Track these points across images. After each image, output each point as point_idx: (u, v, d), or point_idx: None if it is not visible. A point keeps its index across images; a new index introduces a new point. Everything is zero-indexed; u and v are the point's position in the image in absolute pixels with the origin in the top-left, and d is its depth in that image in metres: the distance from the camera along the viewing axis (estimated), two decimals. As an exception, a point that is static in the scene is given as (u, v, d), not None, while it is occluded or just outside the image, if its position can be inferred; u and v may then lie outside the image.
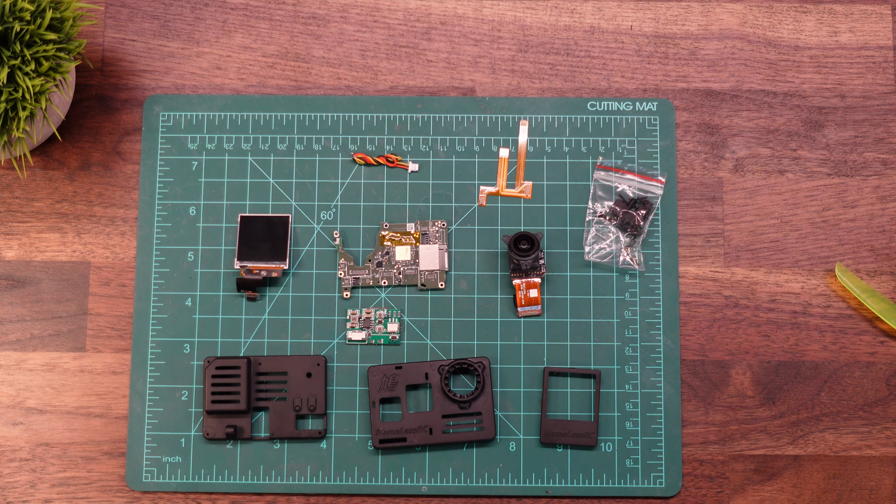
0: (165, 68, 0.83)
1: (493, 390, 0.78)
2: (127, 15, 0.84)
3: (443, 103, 0.82)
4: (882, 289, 0.80)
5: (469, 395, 0.76)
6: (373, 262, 0.80)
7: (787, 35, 0.84)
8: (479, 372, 0.76)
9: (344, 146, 0.82)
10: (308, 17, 0.84)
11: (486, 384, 0.76)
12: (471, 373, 0.77)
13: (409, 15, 0.84)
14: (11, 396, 0.78)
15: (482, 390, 0.76)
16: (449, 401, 0.76)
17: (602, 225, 0.80)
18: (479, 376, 0.76)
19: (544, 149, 0.82)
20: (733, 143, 0.82)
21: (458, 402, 0.76)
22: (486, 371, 0.76)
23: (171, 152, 0.82)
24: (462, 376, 0.78)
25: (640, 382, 0.78)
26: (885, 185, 0.81)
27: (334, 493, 0.77)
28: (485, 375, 0.76)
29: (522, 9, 0.84)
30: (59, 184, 0.82)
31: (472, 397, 0.76)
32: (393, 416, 0.77)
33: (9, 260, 0.80)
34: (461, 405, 0.76)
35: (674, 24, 0.84)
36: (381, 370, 0.77)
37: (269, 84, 0.83)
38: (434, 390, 0.77)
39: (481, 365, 0.76)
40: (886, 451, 0.78)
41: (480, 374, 0.76)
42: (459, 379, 0.78)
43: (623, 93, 0.83)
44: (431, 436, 0.76)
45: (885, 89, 0.83)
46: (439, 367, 0.77)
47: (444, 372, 0.76)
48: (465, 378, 0.78)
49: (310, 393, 0.77)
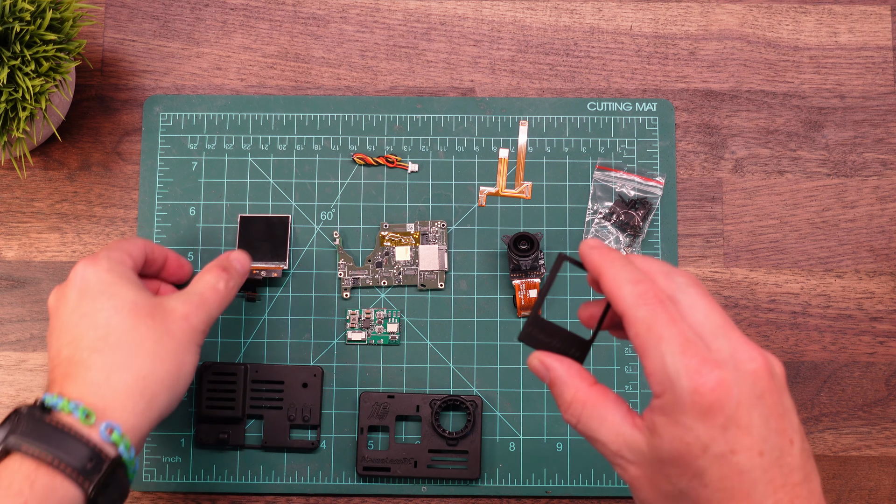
0: (165, 69, 0.83)
1: (494, 390, 0.78)
2: (127, 15, 0.84)
3: (442, 104, 0.82)
4: (881, 289, 0.80)
5: (458, 432, 0.76)
6: (372, 262, 0.80)
7: (787, 36, 0.84)
8: (470, 410, 0.76)
9: (344, 146, 0.82)
10: (308, 17, 0.84)
11: (476, 423, 0.76)
12: (463, 410, 0.77)
13: (409, 15, 0.84)
14: (11, 396, 0.79)
15: (472, 429, 0.76)
16: (437, 436, 0.76)
17: (601, 225, 0.80)
18: (471, 414, 0.76)
19: (544, 149, 0.82)
20: (733, 144, 0.82)
21: (447, 438, 0.76)
22: (478, 410, 0.76)
23: (170, 153, 0.82)
24: (452, 413, 0.77)
25: (639, 383, 0.78)
26: (885, 185, 0.82)
27: (333, 493, 0.77)
28: (476, 414, 0.76)
29: (522, 9, 0.84)
30: (59, 184, 0.82)
31: (460, 435, 0.76)
32: (381, 443, 0.77)
33: (9, 260, 0.80)
34: (449, 441, 0.76)
35: (673, 24, 0.84)
36: (373, 397, 0.77)
37: (269, 84, 0.83)
38: (424, 423, 0.76)
39: (474, 404, 0.76)
40: (886, 452, 0.78)
41: (472, 413, 0.76)
42: (453, 407, 0.78)
43: (623, 93, 0.83)
44: (416, 469, 0.76)
45: (885, 90, 0.83)
46: (431, 402, 0.76)
47: (436, 407, 0.76)
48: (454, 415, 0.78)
49: (304, 403, 0.77)
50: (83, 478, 0.57)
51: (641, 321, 0.50)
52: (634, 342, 0.51)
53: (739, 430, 0.48)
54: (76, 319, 0.63)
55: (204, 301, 0.67)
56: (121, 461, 0.59)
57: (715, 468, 0.48)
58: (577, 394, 0.53)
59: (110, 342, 0.61)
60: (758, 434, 0.48)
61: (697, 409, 0.48)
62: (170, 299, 0.66)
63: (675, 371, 0.48)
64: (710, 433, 0.48)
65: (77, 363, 0.61)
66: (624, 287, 0.51)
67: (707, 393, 0.48)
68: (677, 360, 0.48)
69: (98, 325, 0.62)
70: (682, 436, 0.48)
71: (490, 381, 0.78)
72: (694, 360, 0.48)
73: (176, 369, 0.63)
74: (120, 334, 0.62)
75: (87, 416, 0.58)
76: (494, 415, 0.78)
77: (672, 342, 0.49)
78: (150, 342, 0.62)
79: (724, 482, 0.48)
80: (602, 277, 0.53)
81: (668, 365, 0.48)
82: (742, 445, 0.48)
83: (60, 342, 0.63)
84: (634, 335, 0.50)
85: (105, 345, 0.61)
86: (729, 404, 0.48)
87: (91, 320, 0.62)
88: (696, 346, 0.49)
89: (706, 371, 0.48)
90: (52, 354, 0.63)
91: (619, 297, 0.51)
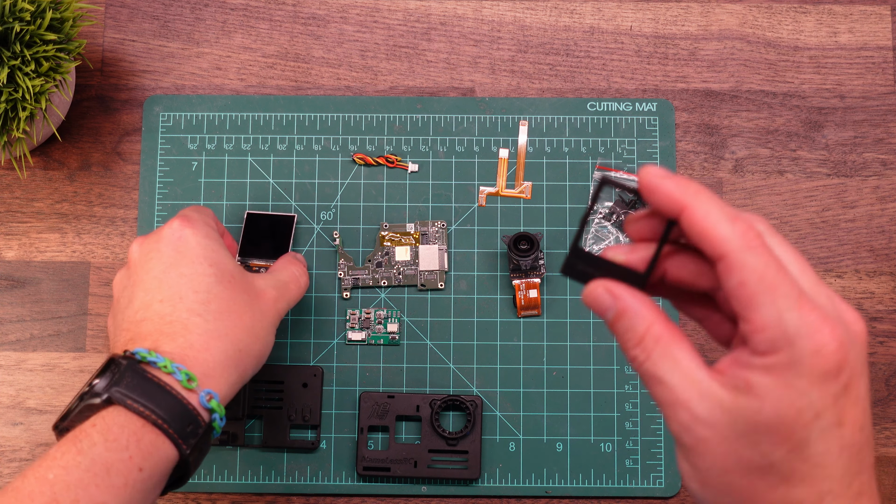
0: (165, 69, 0.83)
1: (494, 390, 0.78)
2: (127, 15, 0.84)
3: (442, 104, 0.82)
4: (881, 289, 0.80)
5: (458, 432, 0.76)
6: (372, 262, 0.80)
7: (787, 36, 0.84)
8: (470, 410, 0.76)
9: (344, 146, 0.82)
10: (308, 17, 0.84)
11: (476, 423, 0.76)
12: (463, 410, 0.77)
13: (409, 15, 0.84)
14: (11, 397, 0.79)
15: (472, 429, 0.76)
16: (437, 436, 0.76)
17: (601, 225, 0.80)
18: (471, 415, 0.76)
19: (544, 149, 0.82)
20: (733, 144, 0.82)
21: (447, 438, 0.76)
22: (478, 410, 0.76)
23: (170, 153, 0.82)
24: (452, 413, 0.77)
25: (639, 383, 0.78)
26: (885, 185, 0.82)
27: (333, 493, 0.77)
28: (476, 414, 0.76)
29: (522, 9, 0.84)
30: (58, 184, 0.82)
31: (460, 435, 0.76)
32: (381, 443, 0.77)
33: (9, 260, 0.80)
34: (449, 442, 0.76)
35: (673, 24, 0.84)
36: (374, 397, 0.77)
37: (269, 84, 0.83)
38: (423, 423, 0.76)
39: (474, 404, 0.76)
40: (886, 452, 0.78)
41: (472, 413, 0.76)
42: (453, 407, 0.78)
43: (623, 93, 0.83)
44: (416, 469, 0.76)
45: (885, 90, 0.83)
46: (431, 402, 0.76)
47: (436, 407, 0.76)
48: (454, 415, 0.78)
49: (304, 403, 0.77)
50: (182, 441, 0.57)
51: (751, 269, 0.42)
52: (736, 291, 0.43)
53: (849, 400, 0.43)
54: (174, 278, 0.62)
55: (288, 290, 0.68)
56: (211, 427, 0.60)
57: (820, 440, 0.42)
58: (654, 327, 0.45)
59: (211, 308, 0.61)
60: (862, 406, 0.43)
61: (817, 372, 0.42)
62: (259, 279, 0.67)
63: (794, 328, 0.42)
64: (825, 400, 0.42)
65: (175, 322, 0.60)
66: (722, 226, 0.44)
67: (829, 355, 0.42)
68: (796, 315, 0.42)
69: (199, 289, 0.62)
70: (793, 400, 0.42)
71: (490, 381, 0.78)
72: (813, 317, 0.42)
73: (264, 348, 0.64)
74: (221, 303, 0.62)
75: (189, 380, 0.58)
76: (494, 415, 0.78)
77: (789, 296, 0.42)
78: (247, 317, 0.63)
79: (825, 457, 0.43)
80: (688, 212, 0.44)
81: (786, 321, 0.42)
82: (849, 417, 0.43)
83: (151, 296, 0.62)
84: (739, 284, 0.43)
85: (206, 310, 0.61)
86: (846, 370, 0.42)
87: (191, 282, 0.62)
88: (812, 302, 0.43)
89: (827, 331, 0.42)
90: (137, 306, 0.62)
91: (719, 237, 0.43)
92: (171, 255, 0.63)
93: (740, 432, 0.43)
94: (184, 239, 0.63)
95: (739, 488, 0.44)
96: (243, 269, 0.66)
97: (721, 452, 0.44)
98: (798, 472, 0.43)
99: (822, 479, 0.43)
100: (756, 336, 0.43)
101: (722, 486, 0.44)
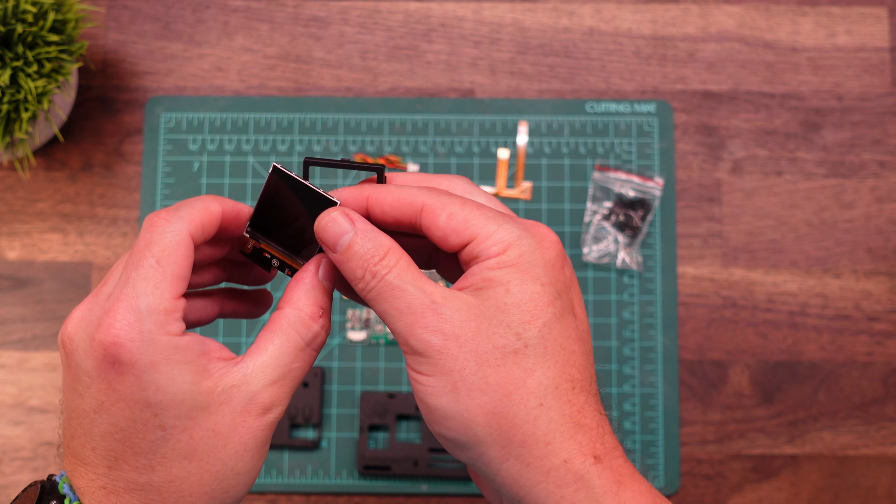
0: (167, 70, 0.84)
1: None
2: (129, 17, 0.85)
3: (442, 105, 0.83)
4: (879, 289, 0.80)
5: None
6: (373, 262, 0.80)
7: (785, 37, 0.84)
8: None
9: (344, 147, 0.82)
10: (308, 18, 0.85)
11: None
12: None
13: (409, 17, 0.85)
14: (14, 396, 0.79)
15: None
16: None
17: (601, 225, 0.80)
18: None
19: (543, 150, 0.82)
20: (731, 145, 0.82)
21: None
22: None
23: (172, 153, 0.82)
24: None
25: (638, 382, 0.78)
26: (882, 186, 0.82)
27: (334, 491, 0.77)
28: None
29: (521, 11, 0.85)
30: (61, 184, 0.82)
31: None
32: (382, 441, 0.77)
33: (11, 260, 0.81)
34: None
35: (672, 25, 0.84)
36: (374, 397, 0.77)
37: (270, 85, 0.83)
38: (423, 423, 0.77)
39: None
40: (883, 451, 0.78)
41: None
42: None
43: (621, 94, 0.83)
44: (416, 468, 0.76)
45: (882, 91, 0.83)
46: None
47: None
48: None
49: (305, 403, 0.77)
50: None
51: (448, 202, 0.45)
52: (449, 223, 0.45)
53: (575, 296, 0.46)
54: (106, 428, 0.44)
55: (293, 377, 0.47)
56: None
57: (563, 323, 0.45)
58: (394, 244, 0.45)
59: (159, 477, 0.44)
60: (584, 310, 0.47)
61: (548, 258, 0.45)
62: (245, 366, 0.45)
63: (519, 228, 0.45)
64: (558, 285, 0.45)
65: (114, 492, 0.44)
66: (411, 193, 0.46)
67: (554, 243, 0.46)
68: (513, 222, 0.45)
69: (140, 450, 0.44)
70: (534, 279, 0.44)
71: (490, 380, 0.78)
72: (528, 222, 0.46)
73: (248, 482, 0.47)
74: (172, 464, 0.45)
75: None
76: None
77: (496, 212, 0.46)
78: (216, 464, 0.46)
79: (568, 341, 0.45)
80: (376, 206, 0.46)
81: (508, 224, 0.45)
82: (578, 313, 0.46)
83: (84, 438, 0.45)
84: (448, 217, 0.45)
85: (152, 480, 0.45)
86: (568, 260, 0.46)
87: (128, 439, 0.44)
88: (515, 215, 0.47)
89: (543, 227, 0.46)
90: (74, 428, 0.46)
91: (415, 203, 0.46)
92: (99, 392, 0.43)
93: (491, 317, 0.43)
94: (117, 364, 0.42)
95: (496, 381, 0.43)
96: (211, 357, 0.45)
97: (474, 343, 0.43)
98: (550, 354, 0.44)
99: (570, 365, 0.44)
100: (487, 243, 0.44)
101: (477, 384, 0.43)
